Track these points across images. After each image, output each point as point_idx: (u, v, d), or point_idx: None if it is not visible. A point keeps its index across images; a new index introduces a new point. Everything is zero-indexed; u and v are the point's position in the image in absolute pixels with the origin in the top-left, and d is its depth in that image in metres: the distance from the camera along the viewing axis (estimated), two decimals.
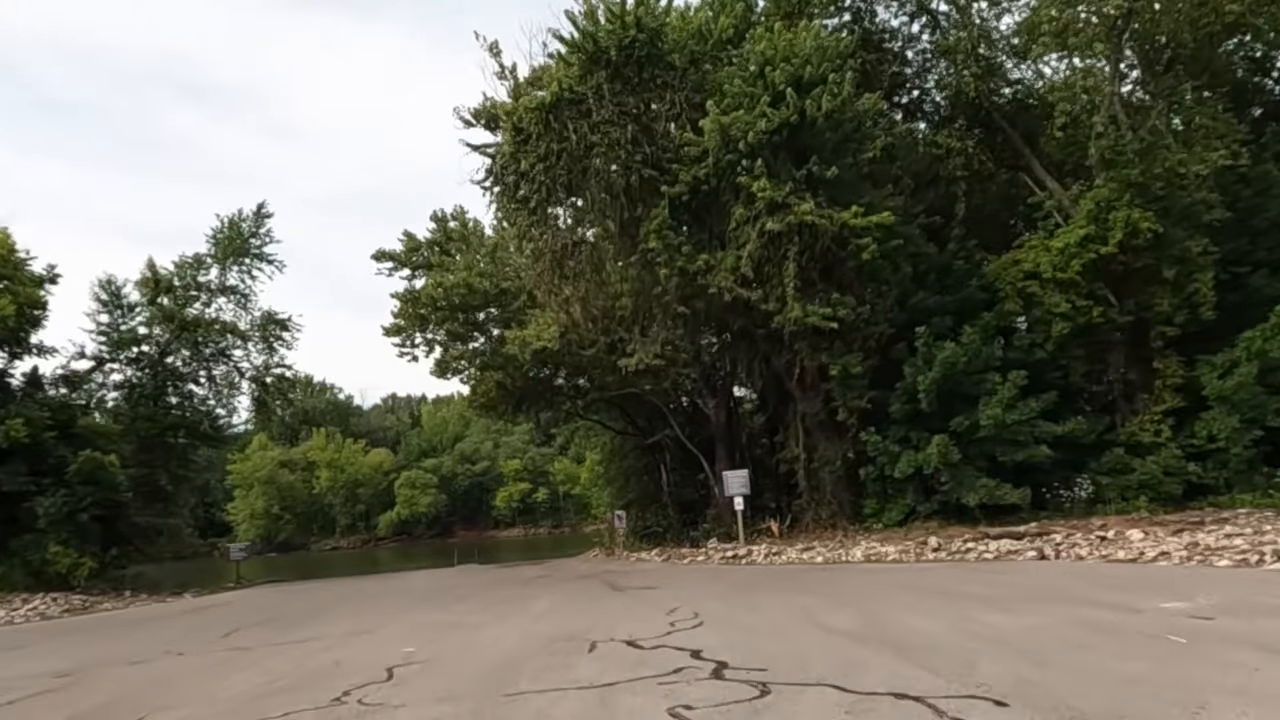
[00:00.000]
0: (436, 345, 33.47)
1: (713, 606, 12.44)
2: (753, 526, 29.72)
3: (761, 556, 21.87)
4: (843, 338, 25.43)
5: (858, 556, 19.60)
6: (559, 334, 29.62)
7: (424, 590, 21.71)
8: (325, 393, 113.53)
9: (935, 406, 24.30)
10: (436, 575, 28.99)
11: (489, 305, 32.30)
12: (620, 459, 44.78)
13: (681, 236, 24.71)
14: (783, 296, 24.23)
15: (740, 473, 24.13)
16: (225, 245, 37.29)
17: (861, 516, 26.17)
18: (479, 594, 19.01)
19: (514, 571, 27.23)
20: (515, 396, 37.76)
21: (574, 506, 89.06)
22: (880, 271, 25.46)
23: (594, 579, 20.30)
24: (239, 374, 36.68)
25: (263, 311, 37.56)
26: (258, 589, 28.57)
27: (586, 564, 28.44)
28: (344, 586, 26.50)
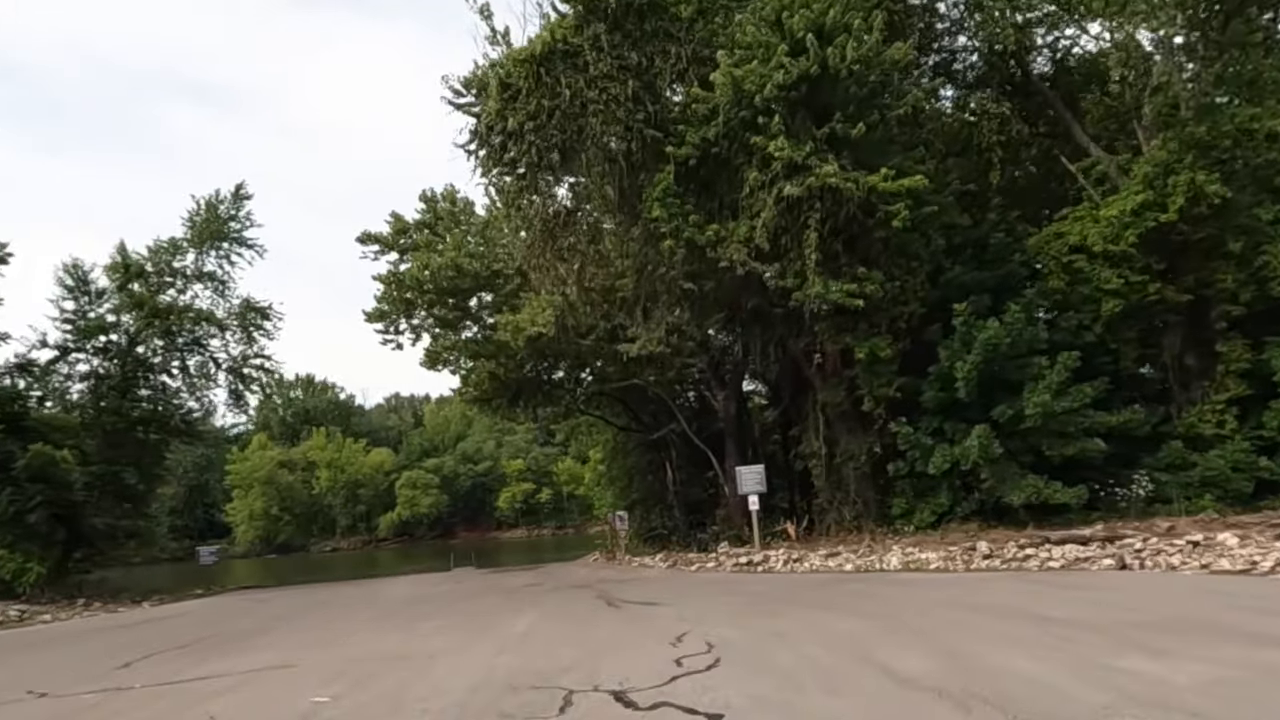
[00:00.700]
0: (424, 333, 30.65)
1: (729, 634, 9.57)
2: (767, 529, 26.91)
3: (780, 563, 18.99)
4: (868, 318, 22.55)
5: (893, 564, 16.69)
6: (554, 318, 26.79)
7: (398, 600, 18.90)
8: (326, 392, 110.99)
9: (975, 394, 21.41)
10: (422, 582, 26.14)
11: (480, 289, 29.50)
12: (623, 457, 41.95)
13: (688, 205, 21.82)
14: (802, 271, 21.37)
15: (755, 468, 21.24)
16: (202, 229, 34.54)
17: (889, 518, 23.27)
18: (454, 607, 16.16)
19: (503, 579, 24.38)
20: (511, 389, 34.94)
21: (578, 507, 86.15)
22: (910, 244, 22.57)
23: (588, 589, 17.45)
24: (214, 364, 33.89)
25: (242, 299, 34.79)
26: (222, 597, 25.79)
27: (584, 569, 25.57)
28: (317, 594, 23.70)
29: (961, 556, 16.22)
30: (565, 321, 27.23)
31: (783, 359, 25.26)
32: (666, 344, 27.43)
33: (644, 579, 19.47)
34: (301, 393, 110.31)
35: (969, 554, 16.20)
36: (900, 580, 14.58)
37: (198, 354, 33.89)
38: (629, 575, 21.07)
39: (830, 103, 21.66)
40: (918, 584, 13.75)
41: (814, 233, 20.75)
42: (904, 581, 14.31)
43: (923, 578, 14.76)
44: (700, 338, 26.68)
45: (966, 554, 16.25)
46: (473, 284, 29.20)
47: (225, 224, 34.82)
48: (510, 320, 27.76)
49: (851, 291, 21.06)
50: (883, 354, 21.88)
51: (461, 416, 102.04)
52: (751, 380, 32.68)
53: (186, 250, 34.50)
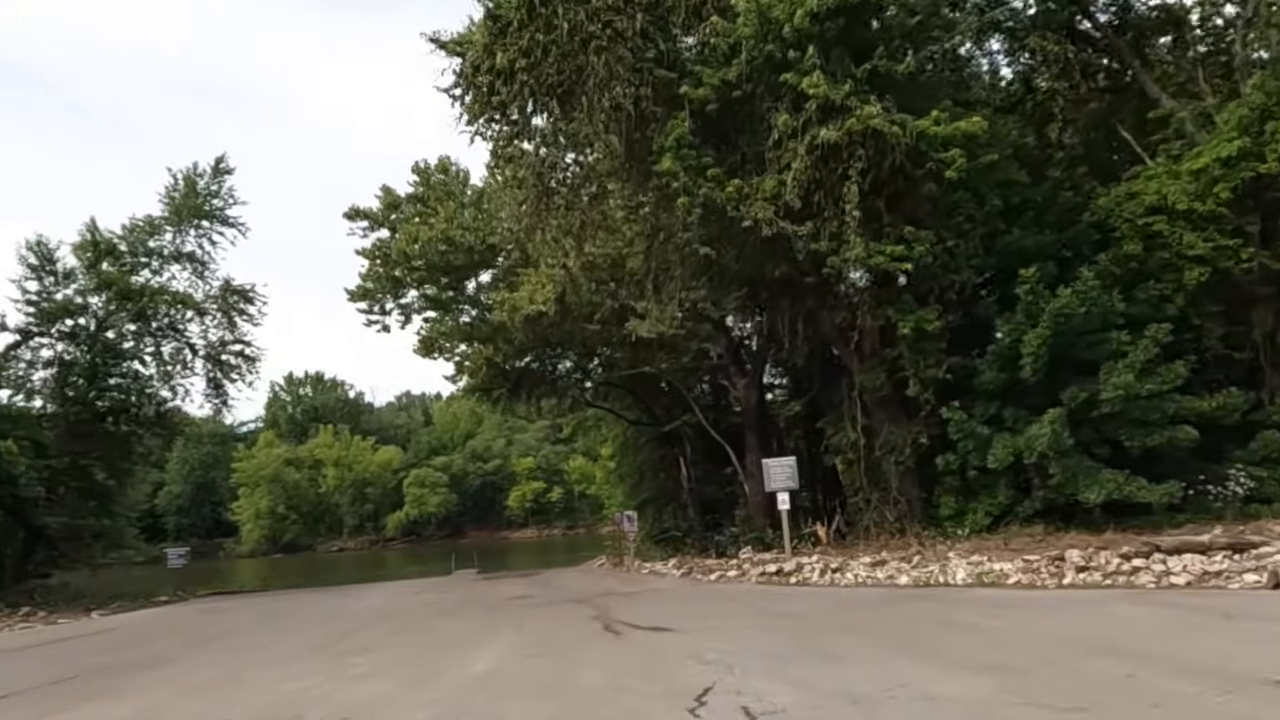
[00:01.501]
0: (413, 315, 27.50)
1: (777, 693, 6.34)
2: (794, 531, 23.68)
3: (816, 573, 15.69)
4: (913, 289, 19.30)
5: (960, 577, 13.38)
6: (555, 295, 23.59)
7: (358, 617, 15.73)
8: (335, 389, 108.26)
9: (1041, 375, 18.09)
10: (406, 590, 22.93)
11: (475, 266, 26.34)
12: (634, 453, 38.68)
13: (706, 157, 18.58)
14: (839, 232, 18.12)
15: (785, 461, 17.92)
16: (181, 206, 31.53)
17: (935, 519, 19.98)
18: (415, 630, 12.95)
19: (495, 587, 21.17)
20: (512, 378, 31.79)
21: (589, 506, 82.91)
22: (961, 204, 19.28)
23: (586, 605, 14.23)
24: (191, 351, 30.80)
25: (222, 281, 31.73)
26: (180, 606, 22.66)
27: (587, 577, 22.31)
28: (280, 604, 20.57)
29: (1047, 568, 12.88)
30: (567, 299, 24.03)
31: (812, 338, 21.95)
32: (680, 325, 24.27)
33: (654, 591, 16.23)
34: (310, 390, 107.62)
35: (1056, 565, 12.87)
36: (980, 601, 11.27)
37: (173, 340, 30.84)
38: (636, 585, 17.83)
39: (871, 36, 18.46)
40: (1008, 606, 10.43)
41: (854, 185, 17.48)
42: (987, 603, 10.99)
43: (1007, 597, 11.44)
44: (719, 316, 23.43)
45: (1053, 566, 12.91)
46: (466, 260, 26.03)
47: (206, 200, 31.82)
48: (507, 298, 24.60)
49: (897, 254, 17.81)
50: (931, 328, 18.59)
51: (471, 414, 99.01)
52: (773, 368, 29.33)
53: (164, 229, 31.49)
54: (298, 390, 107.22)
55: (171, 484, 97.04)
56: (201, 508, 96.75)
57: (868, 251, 17.68)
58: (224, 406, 31.64)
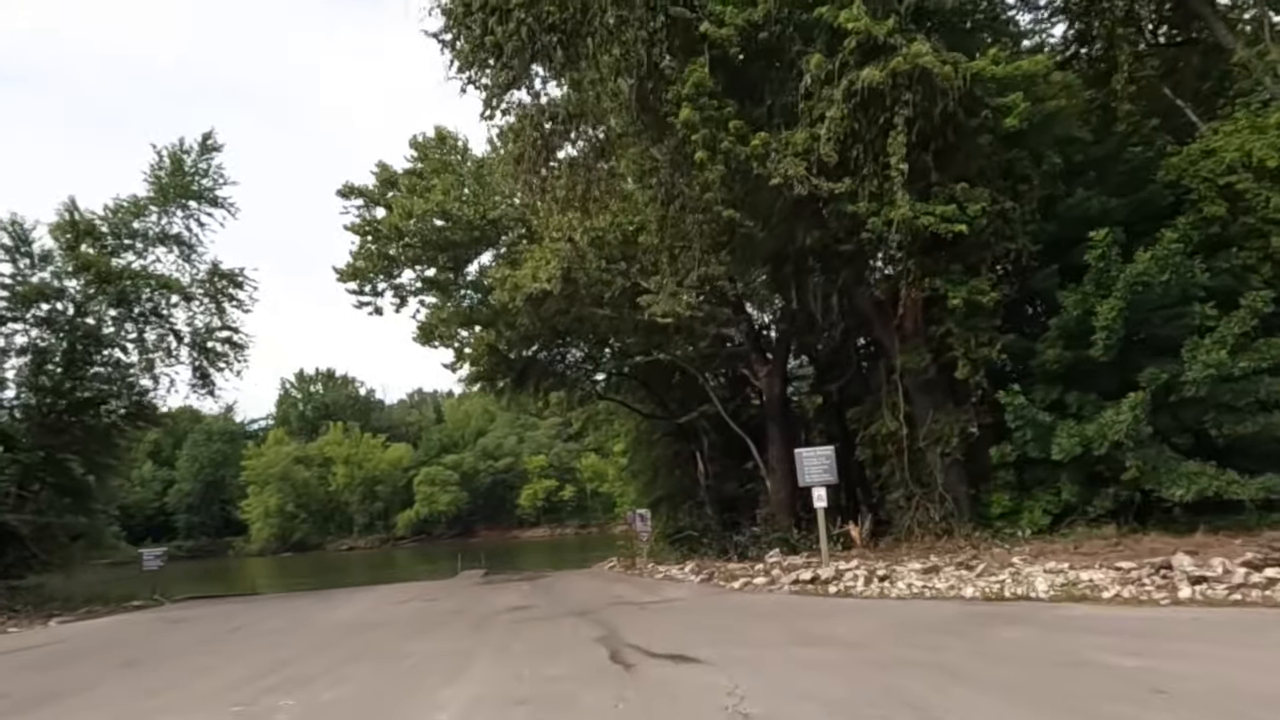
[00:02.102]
0: (409, 297, 25.15)
1: None
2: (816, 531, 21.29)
3: (860, 582, 13.22)
4: (962, 258, 16.83)
5: (1040, 589, 10.90)
6: (560, 272, 21.22)
7: (322, 633, 13.36)
8: (346, 387, 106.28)
9: (1112, 354, 15.61)
10: (396, 596, 20.54)
11: (475, 244, 23.98)
12: (646, 448, 36.31)
13: (728, 108, 16.17)
14: (880, 190, 15.72)
15: (822, 452, 15.38)
16: (167, 185, 29.35)
17: (986, 517, 17.53)
18: (378, 653, 10.57)
19: (493, 594, 18.75)
20: (517, 368, 29.47)
21: (601, 505, 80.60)
22: (1017, 163, 16.84)
23: (592, 620, 11.84)
24: (175, 338, 28.55)
25: (209, 264, 29.52)
26: (143, 614, 20.36)
27: (596, 582, 19.89)
28: (254, 612, 18.23)
29: (1151, 580, 10.41)
30: (574, 276, 21.66)
31: (846, 316, 19.51)
32: (697, 306, 21.92)
33: (670, 602, 13.79)
34: (321, 387, 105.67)
35: (1163, 576, 10.39)
36: (1091, 625, 8.77)
37: (157, 326, 28.62)
38: (650, 594, 15.39)
39: None
40: (1136, 634, 7.96)
41: (900, 135, 15.05)
42: (1102, 628, 8.49)
43: (1121, 619, 8.96)
44: (738, 295, 21.00)
45: (1159, 576, 10.44)
46: (465, 236, 23.68)
47: (194, 180, 29.63)
48: (509, 275, 22.25)
49: (948, 215, 15.36)
50: (985, 300, 16.15)
51: (483, 412, 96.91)
52: (798, 355, 26.91)
53: (149, 210, 29.31)
54: (308, 387, 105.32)
55: (181, 482, 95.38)
56: (211, 506, 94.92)
57: (914, 211, 15.25)
58: (211, 396, 29.32)
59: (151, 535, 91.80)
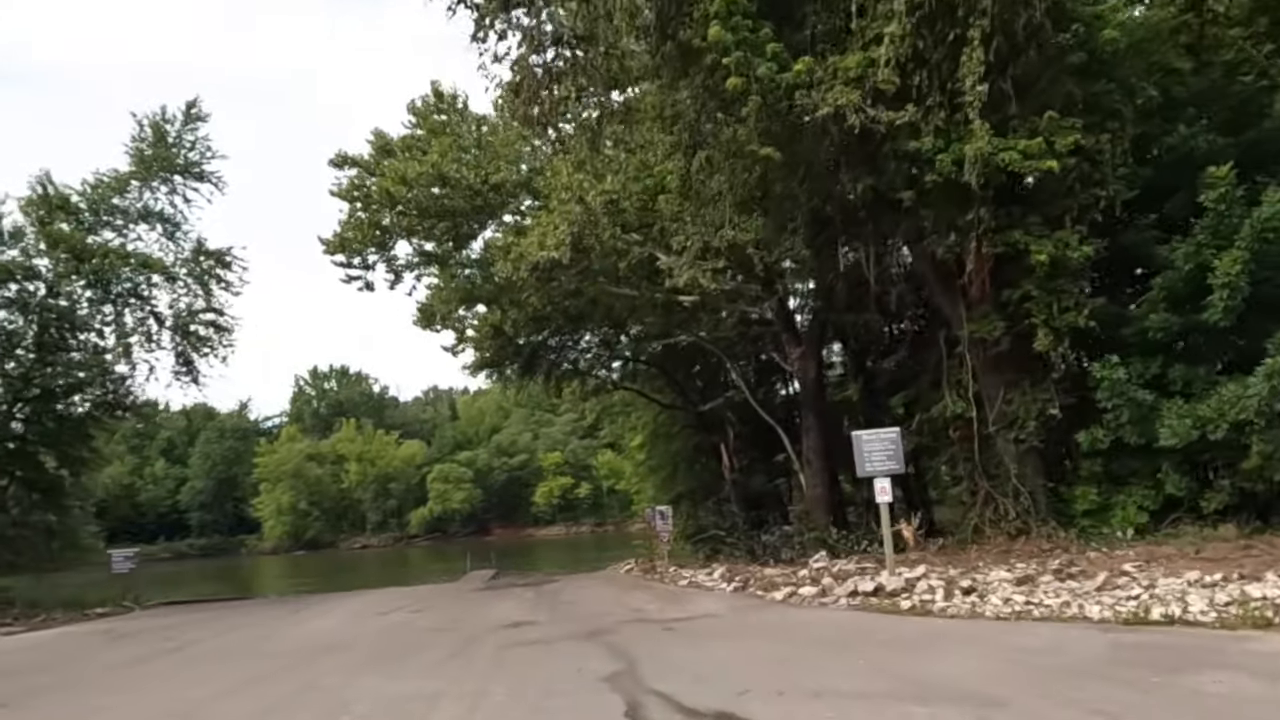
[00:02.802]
0: (404, 272, 22.56)
1: None
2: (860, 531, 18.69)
3: (939, 596, 10.45)
4: (1040, 209, 14.07)
5: (1198, 611, 8.14)
6: (570, 237, 18.58)
7: (284, 653, 10.85)
8: (360, 384, 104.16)
9: (1231, 319, 12.82)
10: (382, 603, 17.88)
11: (477, 213, 21.36)
12: (665, 441, 33.54)
13: (765, 29, 13.45)
14: (947, 124, 13.01)
15: (886, 435, 12.41)
16: (149, 158, 26.89)
17: (1068, 514, 14.75)
18: (322, 692, 8.00)
19: (490, 605, 16.06)
20: (525, 353, 26.88)
21: (618, 503, 77.91)
22: (1105, 97, 14.08)
23: (604, 646, 9.21)
24: (156, 321, 26.09)
25: (194, 243, 27.04)
26: (105, 623, 17.86)
27: (611, 589, 17.16)
28: (215, 623, 15.66)
29: None
30: (586, 243, 19.01)
31: (900, 282, 16.73)
32: (723, 277, 19.29)
33: (702, 621, 11.06)
34: (335, 384, 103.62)
35: None
36: None
37: (136, 308, 26.16)
38: (675, 606, 12.68)
39: None
40: None
41: (977, 51, 12.31)
42: None
43: None
44: (770, 263, 18.26)
45: None
46: (465, 203, 21.08)
47: (180, 153, 27.16)
48: (513, 244, 19.66)
49: (1034, 150, 12.61)
50: (1074, 255, 13.39)
51: (497, 408, 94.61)
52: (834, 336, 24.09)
53: (130, 185, 26.86)
54: (322, 384, 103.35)
55: (194, 479, 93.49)
56: (224, 504, 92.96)
57: (993, 146, 12.52)
58: (195, 384, 26.81)
59: (164, 533, 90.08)
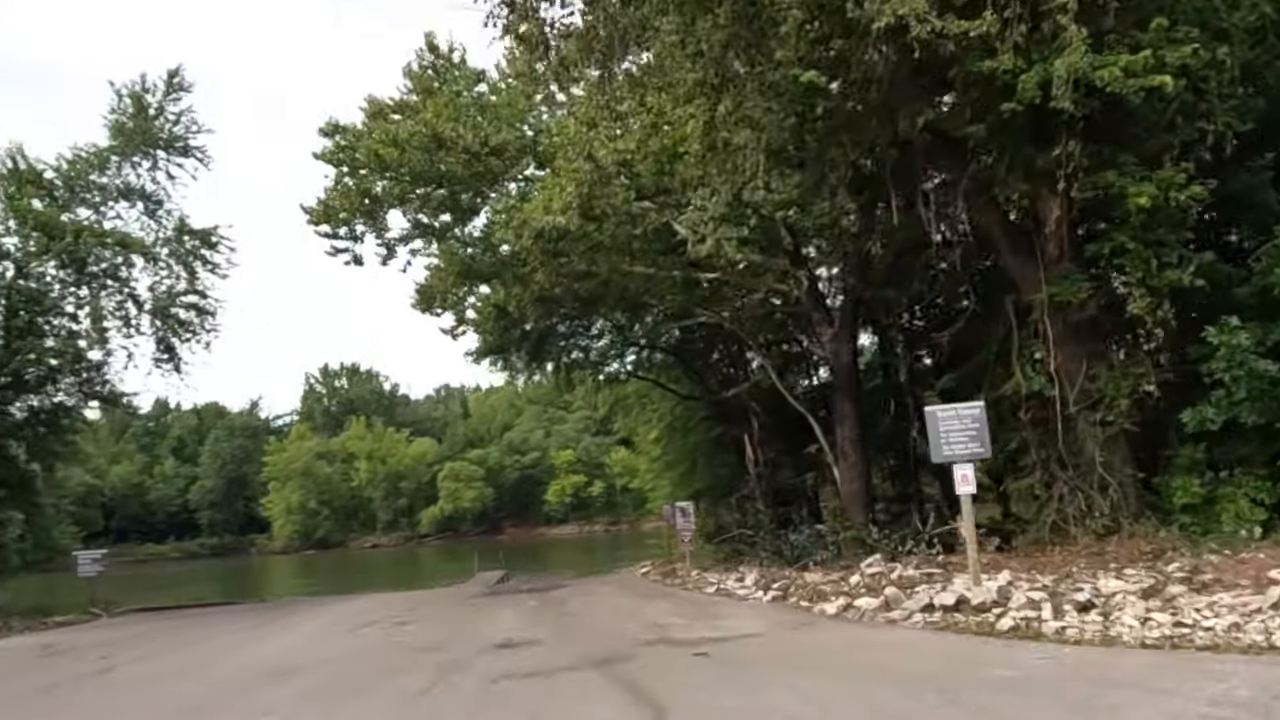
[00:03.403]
0: (396, 247, 20.29)
1: None
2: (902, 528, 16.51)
3: (1049, 614, 8.09)
4: (1133, 147, 11.70)
5: None
6: (578, 200, 16.29)
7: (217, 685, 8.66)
8: (371, 381, 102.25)
9: None
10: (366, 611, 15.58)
11: (478, 179, 19.09)
12: (683, 434, 31.24)
13: None
14: (1028, 41, 10.67)
15: (967, 410, 9.76)
16: (129, 130, 24.81)
17: (1163, 509, 12.37)
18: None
19: (487, 616, 13.80)
20: (532, 337, 24.62)
21: (632, 501, 75.69)
22: (1208, 18, 11.71)
23: (615, 682, 6.98)
24: (135, 304, 23.98)
25: (177, 219, 24.93)
26: (53, 635, 15.69)
27: (626, 596, 14.81)
28: (169, 638, 13.49)
29: None
30: (596, 206, 16.74)
31: (961, 240, 14.34)
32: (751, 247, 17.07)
33: (739, 640, 8.78)
34: (346, 382, 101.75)
35: None
36: None
37: (114, 291, 24.06)
38: (706, 622, 10.37)
39: None
40: None
41: None
42: None
43: None
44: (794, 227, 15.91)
45: None
46: (464, 169, 18.84)
47: (165, 126, 25.07)
48: (514, 207, 17.43)
49: (1139, 66, 10.25)
50: (1181, 198, 11.01)
51: (509, 406, 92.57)
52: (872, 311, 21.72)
53: (110, 160, 24.79)
54: (333, 382, 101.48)
55: (204, 478, 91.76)
56: (234, 503, 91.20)
57: (1090, 62, 10.17)
58: (177, 373, 24.64)
59: (174, 533, 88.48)
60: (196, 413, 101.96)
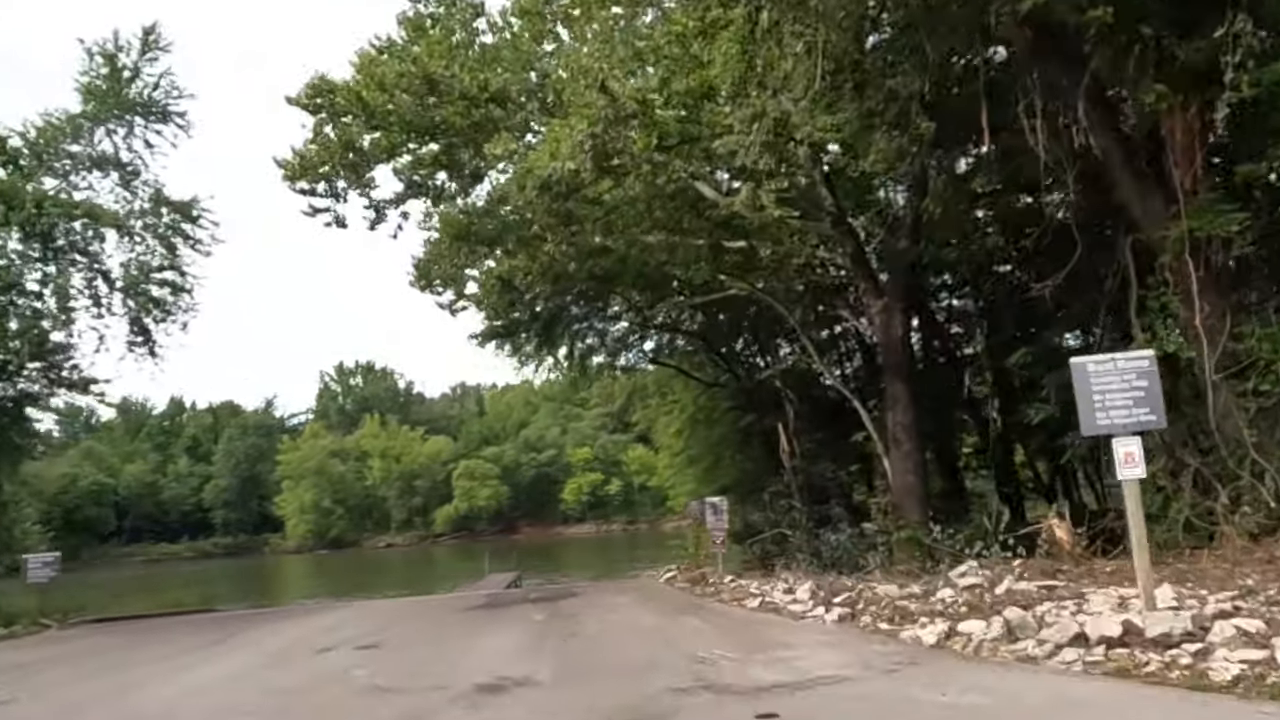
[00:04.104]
0: (386, 209, 17.66)
1: None
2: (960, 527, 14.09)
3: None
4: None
5: None
6: (590, 140, 13.63)
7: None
8: (385, 379, 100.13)
9: None
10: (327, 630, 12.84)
11: (476, 130, 16.43)
12: (707, 426, 28.63)
13: None
14: None
15: (1129, 361, 7.22)
16: (101, 94, 22.40)
17: None
18: None
19: (478, 630, 11.21)
20: (543, 318, 22.09)
21: (651, 500, 73.13)
22: None
23: None
24: (105, 281, 21.54)
25: (153, 191, 22.45)
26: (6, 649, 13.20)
27: (647, 614, 12.02)
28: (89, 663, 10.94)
29: None
30: (609, 150, 14.08)
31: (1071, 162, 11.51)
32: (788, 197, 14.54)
33: (823, 690, 6.09)
34: (361, 380, 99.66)
35: None
36: None
37: (83, 267, 21.61)
38: (761, 656, 7.63)
39: None
40: None
41: None
42: None
43: None
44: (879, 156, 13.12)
45: None
46: (460, 117, 16.22)
47: (145, 89, 22.63)
48: (514, 151, 14.81)
49: None
50: None
51: (525, 403, 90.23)
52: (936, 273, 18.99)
53: (83, 127, 22.39)
54: (348, 380, 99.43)
55: (218, 477, 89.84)
56: (248, 502, 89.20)
57: None
58: (152, 357, 22.16)
59: (188, 533, 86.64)
60: (212, 411, 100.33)
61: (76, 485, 78.83)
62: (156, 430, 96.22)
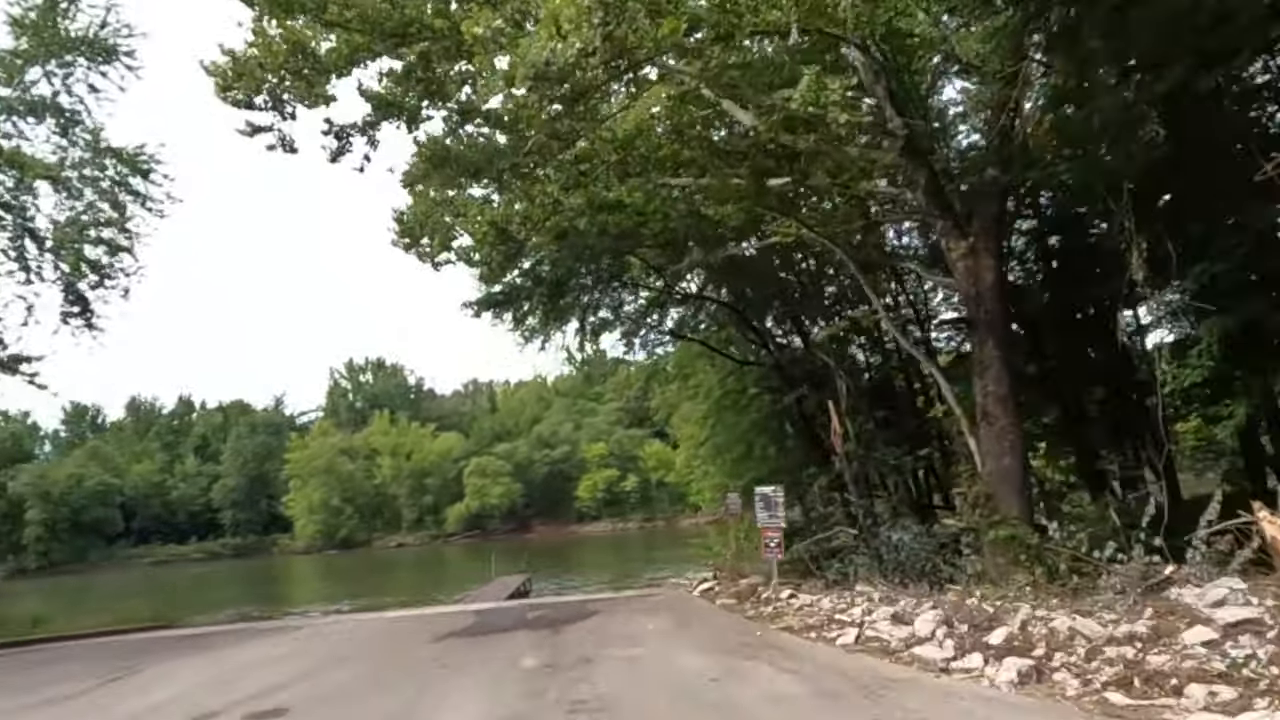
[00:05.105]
0: (351, 136, 14.05)
1: None
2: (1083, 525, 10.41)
3: None
4: None
5: None
6: (599, 12, 9.93)
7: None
8: (395, 376, 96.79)
9: None
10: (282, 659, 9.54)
11: (455, 33, 12.81)
12: (736, 412, 24.71)
13: None
14: None
15: None
16: (35, 28, 18.96)
17: None
18: None
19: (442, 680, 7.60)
20: (548, 281, 18.46)
21: (668, 496, 69.43)
22: None
23: None
24: (34, 240, 18.04)
25: (91, 137, 18.93)
26: None
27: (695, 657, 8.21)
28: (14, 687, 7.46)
29: None
30: (622, 31, 10.35)
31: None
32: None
33: None
34: (371, 377, 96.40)
35: None
36: None
37: (6, 225, 18.13)
38: None
39: None
40: None
41: None
42: None
43: None
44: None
45: None
46: (440, 19, 12.61)
47: (92, 28, 19.23)
48: (501, 29, 11.17)
49: None
50: None
51: (538, 398, 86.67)
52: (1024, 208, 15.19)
53: (15, 67, 18.97)
54: (358, 377, 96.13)
55: (226, 476, 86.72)
56: (257, 502, 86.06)
57: None
58: (90, 329, 18.64)
59: (196, 533, 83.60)
60: (221, 410, 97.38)
61: (82, 486, 75.97)
62: (165, 429, 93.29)
